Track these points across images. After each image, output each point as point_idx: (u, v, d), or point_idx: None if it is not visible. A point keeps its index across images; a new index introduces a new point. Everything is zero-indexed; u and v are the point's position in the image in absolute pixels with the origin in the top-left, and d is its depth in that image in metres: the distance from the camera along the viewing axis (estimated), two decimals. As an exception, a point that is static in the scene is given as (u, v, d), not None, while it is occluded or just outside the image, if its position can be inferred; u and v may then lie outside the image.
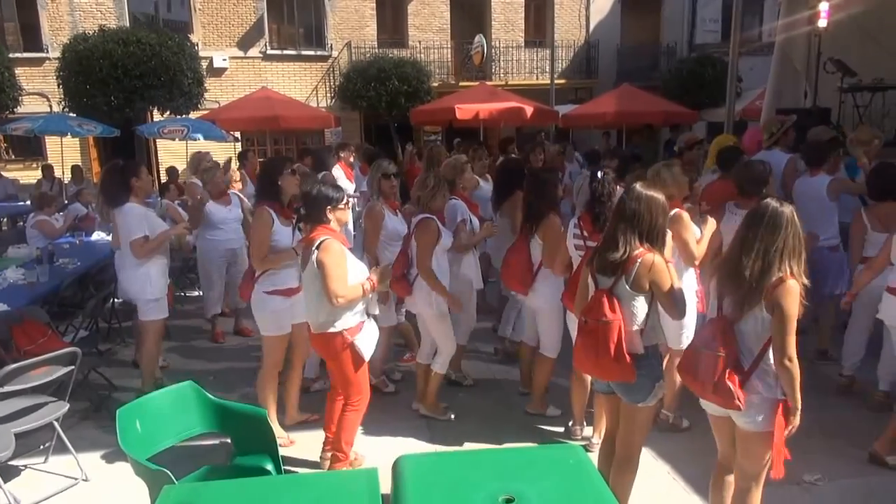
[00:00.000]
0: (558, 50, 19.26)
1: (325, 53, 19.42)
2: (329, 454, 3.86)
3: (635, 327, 2.95)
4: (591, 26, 21.46)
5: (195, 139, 12.21)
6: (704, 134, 17.18)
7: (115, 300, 5.77)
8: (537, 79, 20.37)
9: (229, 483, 2.25)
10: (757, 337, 2.67)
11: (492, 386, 5.16)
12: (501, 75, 20.44)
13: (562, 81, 19.69)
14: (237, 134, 15.87)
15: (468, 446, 4.20)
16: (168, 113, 14.37)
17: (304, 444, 4.21)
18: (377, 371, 4.97)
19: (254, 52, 18.74)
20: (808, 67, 10.08)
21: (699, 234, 3.94)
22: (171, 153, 16.02)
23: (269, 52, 18.83)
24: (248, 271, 4.43)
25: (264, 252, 4.04)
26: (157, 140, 14.56)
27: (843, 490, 3.65)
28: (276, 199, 4.19)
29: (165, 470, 2.41)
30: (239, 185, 6.76)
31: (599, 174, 3.95)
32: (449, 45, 20.34)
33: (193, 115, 14.31)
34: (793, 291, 2.57)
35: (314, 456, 4.03)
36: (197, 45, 16.56)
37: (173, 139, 12.72)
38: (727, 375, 2.62)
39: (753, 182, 4.39)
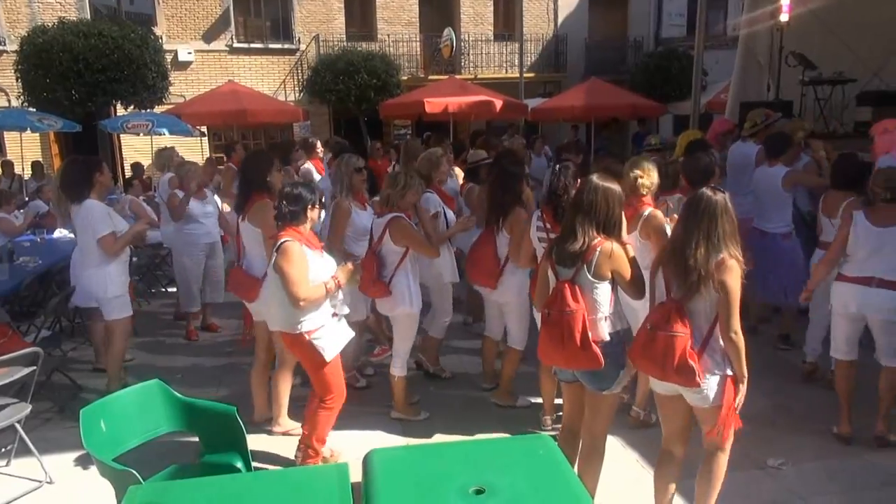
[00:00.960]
0: (527, 44, 19.31)
1: (293, 47, 19.19)
2: (302, 451, 3.84)
3: (599, 315, 3.01)
4: (560, 20, 21.54)
5: (160, 134, 12.00)
6: (671, 127, 17.46)
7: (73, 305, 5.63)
8: (506, 72, 20.41)
9: (196, 481, 2.22)
10: (706, 316, 2.82)
11: (463, 379, 5.17)
12: (471, 69, 20.43)
13: (531, 75, 19.76)
14: (203, 129, 15.62)
15: (440, 439, 4.22)
16: (132, 107, 14.07)
17: (280, 441, 4.18)
18: (348, 366, 4.95)
19: (219, 45, 18.44)
20: (771, 61, 10.26)
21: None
22: (136, 149, 15.70)
23: (236, 45, 18.54)
24: (237, 272, 4.37)
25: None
26: (121, 135, 14.25)
27: (806, 473, 3.74)
28: (269, 191, 4.17)
29: (131, 470, 2.37)
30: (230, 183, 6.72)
31: (558, 167, 4.00)
32: (418, 39, 20.25)
33: (158, 109, 14.04)
34: (734, 270, 2.74)
35: (290, 452, 4.01)
36: (161, 37, 16.24)
37: (137, 134, 12.48)
38: (689, 355, 2.73)
39: (699, 172, 4.47)
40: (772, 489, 3.57)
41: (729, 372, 2.82)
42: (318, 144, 8.18)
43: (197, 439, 3.14)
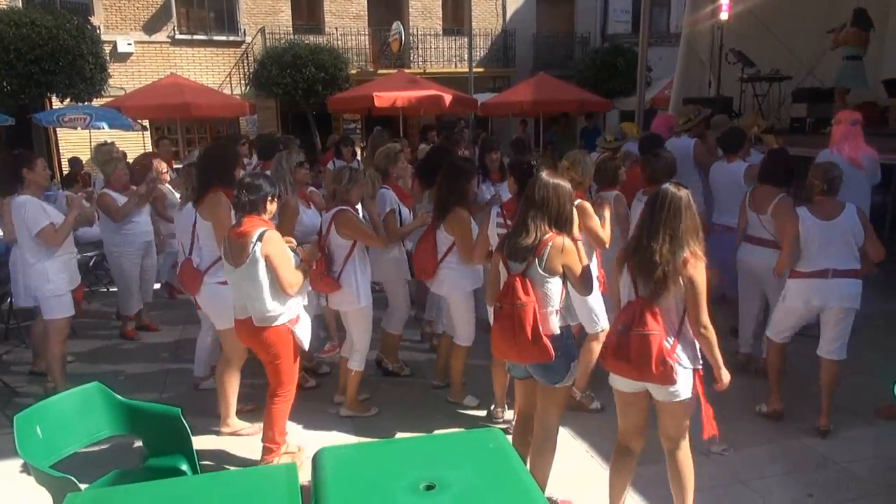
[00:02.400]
0: (476, 38, 19.34)
1: (238, 39, 18.78)
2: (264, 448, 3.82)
3: (550, 308, 3.04)
4: (508, 15, 21.68)
5: (99, 128, 11.58)
6: (617, 122, 17.76)
7: (12, 303, 5.41)
8: (456, 67, 20.43)
9: (138, 486, 2.15)
10: (676, 311, 2.83)
11: (416, 374, 5.16)
12: (420, 63, 20.38)
13: (480, 70, 19.82)
14: (146, 122, 15.16)
15: (392, 436, 4.19)
16: (68, 100, 13.53)
17: (229, 442, 4.12)
18: (301, 364, 4.91)
19: (161, 36, 17.90)
20: (712, 58, 10.55)
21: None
22: (74, 143, 15.12)
23: (178, 36, 18.02)
24: (188, 265, 4.27)
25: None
26: (58, 129, 13.73)
27: (748, 457, 3.87)
28: (229, 185, 4.07)
29: (69, 476, 2.29)
30: (167, 177, 6.52)
31: (531, 163, 4.05)
32: (366, 32, 20.08)
33: (96, 102, 13.53)
34: (700, 265, 2.77)
35: (240, 453, 3.94)
36: (99, 28, 15.69)
37: (75, 128, 12.01)
38: (665, 352, 2.75)
39: (664, 171, 4.57)
40: (715, 474, 3.68)
41: (697, 366, 2.86)
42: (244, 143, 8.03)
43: (141, 443, 3.06)
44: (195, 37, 18.27)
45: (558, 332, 3.05)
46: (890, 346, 4.71)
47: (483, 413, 4.46)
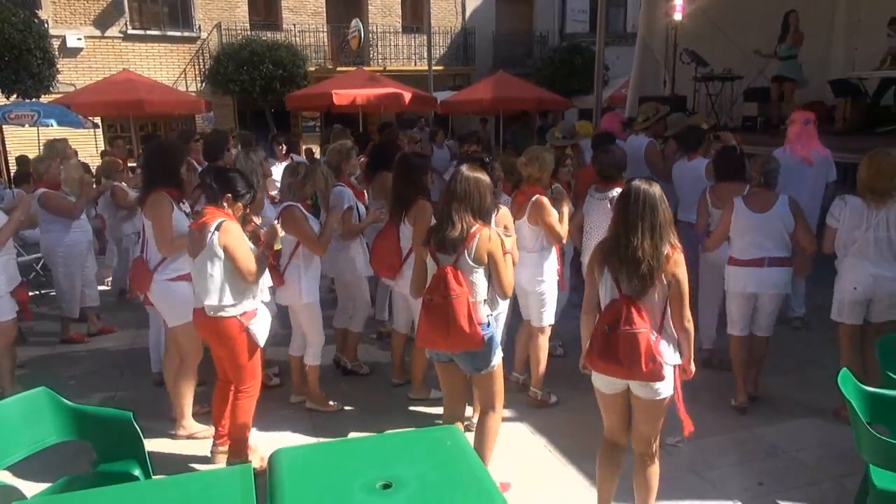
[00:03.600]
0: (435, 36, 19.36)
1: (193, 35, 18.42)
2: (222, 448, 3.79)
3: (478, 298, 3.14)
4: (467, 14, 21.73)
5: (47, 125, 11.21)
6: (576, 120, 17.95)
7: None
8: (415, 65, 20.41)
9: (87, 493, 2.09)
10: (658, 308, 2.83)
11: (375, 372, 5.14)
12: (379, 60, 20.30)
13: (440, 68, 19.84)
14: (97, 120, 14.76)
15: (351, 435, 4.17)
16: (15, 96, 13.09)
17: (185, 445, 4.05)
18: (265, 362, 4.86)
19: (113, 31, 17.45)
20: (667, 58, 10.76)
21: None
22: (21, 141, 14.64)
23: (130, 31, 17.59)
24: (138, 263, 4.20)
25: (171, 236, 3.85)
26: (4, 127, 13.25)
27: (701, 448, 3.95)
28: (175, 184, 4.04)
29: (12, 485, 2.21)
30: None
31: (487, 159, 4.06)
32: (325, 29, 19.91)
33: (45, 98, 13.11)
34: (682, 261, 2.80)
35: (196, 456, 3.88)
36: (46, 22, 15.18)
37: (22, 125, 11.59)
38: (654, 349, 2.74)
39: (614, 167, 4.64)
40: (669, 466, 3.72)
41: (678, 361, 2.88)
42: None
43: (92, 448, 2.97)
44: (148, 32, 17.86)
45: (485, 320, 3.15)
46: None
47: (442, 410, 4.46)
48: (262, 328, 3.61)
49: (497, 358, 3.26)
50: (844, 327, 4.17)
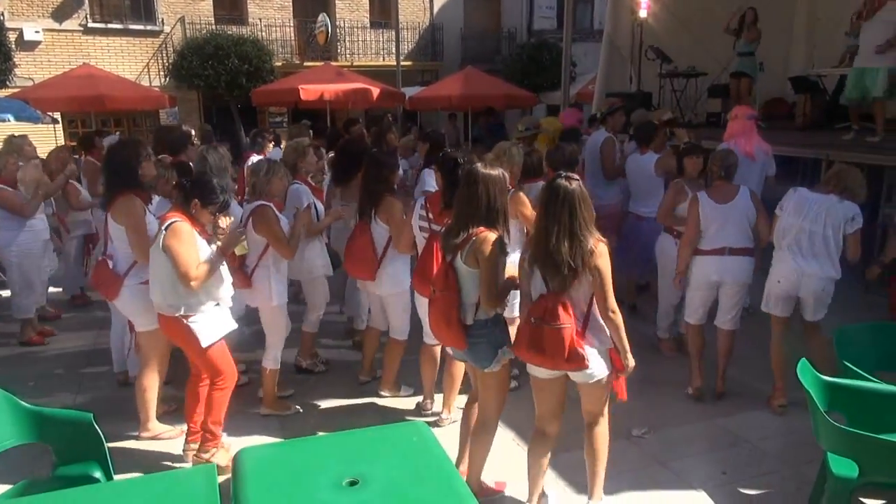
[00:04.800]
0: (403, 32, 19.28)
1: (156, 28, 18.07)
2: (194, 444, 3.74)
3: (469, 300, 3.09)
4: (435, 9, 21.69)
5: (5, 120, 10.98)
6: (544, 115, 18.08)
7: None
8: (383, 60, 20.31)
9: (45, 497, 2.04)
10: (584, 299, 2.92)
11: (343, 370, 5.10)
12: (347, 56, 20.16)
13: (408, 63, 19.78)
14: (56, 115, 14.41)
15: (321, 433, 4.14)
16: (-31, 91, 12.76)
17: (150, 447, 3.98)
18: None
19: (72, 24, 17.02)
20: (633, 54, 10.87)
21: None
22: (-23, 136, 14.25)
23: (91, 24, 17.18)
24: (102, 266, 4.08)
25: (148, 240, 3.75)
26: (-42, 122, 12.87)
27: (666, 439, 4.01)
28: (138, 186, 3.98)
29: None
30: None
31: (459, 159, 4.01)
32: (292, 24, 19.70)
33: (2, 93, 12.80)
34: (605, 254, 2.86)
35: (161, 458, 3.81)
36: (3, 14, 14.79)
37: (-23, 121, 11.32)
38: (576, 343, 2.83)
39: (564, 163, 4.71)
40: (635, 457, 3.80)
41: (609, 345, 2.95)
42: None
43: (51, 451, 2.91)
44: (109, 25, 17.48)
45: (471, 322, 3.09)
46: (800, 329, 4.96)
47: (411, 407, 4.46)
48: (207, 327, 3.51)
49: (498, 360, 3.11)
50: (773, 318, 4.32)
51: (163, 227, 3.38)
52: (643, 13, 10.31)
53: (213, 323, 3.55)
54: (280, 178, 4.23)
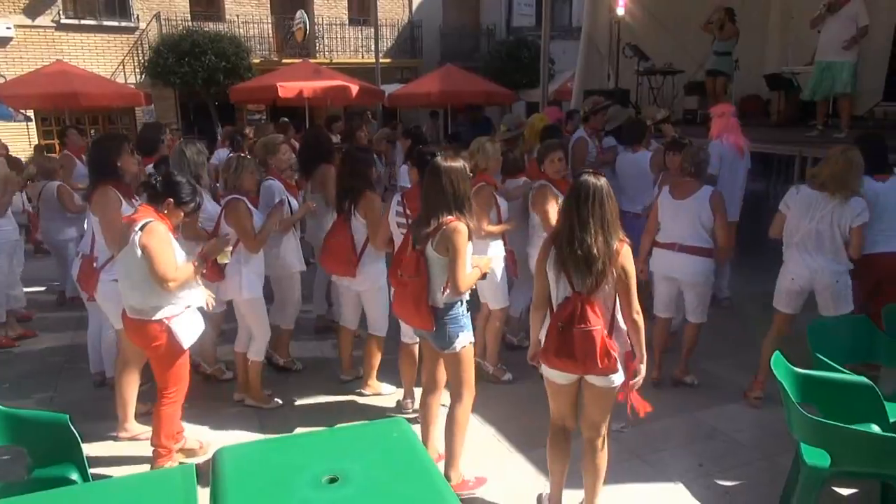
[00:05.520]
0: (382, 29, 19.22)
1: (132, 25, 17.82)
2: (176, 445, 3.72)
3: (436, 285, 3.20)
4: (414, 6, 21.64)
5: (-24, 118, 10.75)
6: (524, 114, 18.14)
7: None
8: (362, 57, 20.22)
9: (19, 500, 2.02)
10: (609, 300, 2.85)
11: (323, 366, 5.10)
12: (326, 53, 20.04)
13: (387, 61, 19.72)
14: (30, 113, 14.18)
15: (300, 431, 4.14)
16: (-61, 88, 12.48)
17: (128, 448, 3.95)
18: (211, 359, 4.79)
19: (45, 20, 16.72)
20: (611, 52, 10.93)
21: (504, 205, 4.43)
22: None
23: (64, 21, 16.89)
24: (87, 262, 4.10)
25: (118, 232, 3.69)
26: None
27: (644, 433, 4.06)
28: (116, 178, 3.98)
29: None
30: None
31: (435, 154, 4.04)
32: (269, 21, 19.53)
33: (-28, 90, 12.54)
34: (629, 253, 2.84)
35: (139, 459, 3.79)
36: (-28, 10, 14.51)
37: (-53, 118, 11.10)
38: (609, 345, 2.77)
39: (513, 164, 4.87)
40: (613, 451, 3.77)
41: (627, 349, 2.91)
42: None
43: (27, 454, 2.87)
44: (83, 22, 17.19)
45: (441, 305, 3.21)
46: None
47: (392, 405, 4.47)
48: (187, 331, 3.46)
49: (460, 342, 3.27)
50: (779, 315, 4.31)
51: (136, 228, 3.30)
52: (620, 11, 10.37)
53: (191, 325, 3.51)
54: (250, 172, 4.23)
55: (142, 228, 3.29)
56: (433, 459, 3.50)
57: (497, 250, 4.39)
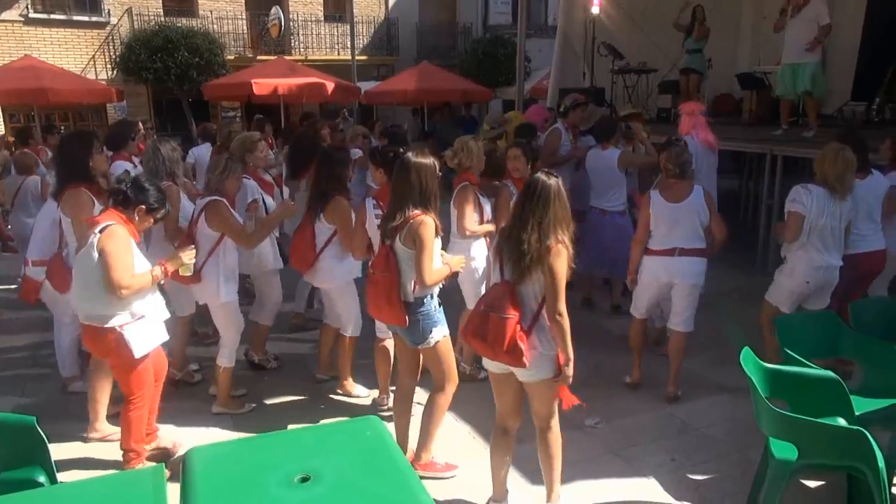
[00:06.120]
0: (358, 26, 19.14)
1: (102, 20, 17.52)
2: (152, 444, 3.71)
3: (407, 280, 3.25)
4: (391, 3, 21.56)
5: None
6: (500, 109, 18.21)
7: None
8: (338, 54, 20.11)
9: (-15, 503, 1.98)
10: (535, 297, 2.91)
11: (299, 365, 5.07)
12: (301, 50, 19.89)
13: (363, 58, 19.65)
14: (-4, 108, 13.90)
15: (275, 430, 4.10)
16: None
17: (98, 448, 3.88)
18: (181, 364, 4.70)
19: (11, 15, 16.36)
20: (586, 50, 10.99)
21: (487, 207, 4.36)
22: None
23: (32, 15, 16.55)
24: (57, 259, 4.07)
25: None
26: None
27: (618, 428, 4.11)
28: (89, 179, 3.92)
29: None
30: None
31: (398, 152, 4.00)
32: (244, 17, 19.34)
33: (-63, 85, 12.24)
34: (562, 255, 2.85)
35: (110, 460, 3.74)
36: (-63, 4, 14.16)
37: (-90, 114, 10.82)
38: (518, 337, 2.83)
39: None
40: (588, 447, 3.88)
41: (556, 351, 2.92)
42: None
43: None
44: (52, 16, 16.86)
45: (412, 300, 3.27)
46: (742, 318, 5.12)
47: (367, 403, 4.46)
48: (141, 339, 3.36)
49: (433, 336, 3.33)
50: (771, 310, 4.33)
51: (96, 230, 3.21)
52: (595, 10, 10.44)
53: (147, 333, 3.41)
54: (237, 177, 4.19)
55: (102, 231, 3.22)
56: (406, 456, 3.57)
57: (479, 251, 4.38)
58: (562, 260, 2.84)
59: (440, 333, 3.36)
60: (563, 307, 2.85)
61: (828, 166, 4.09)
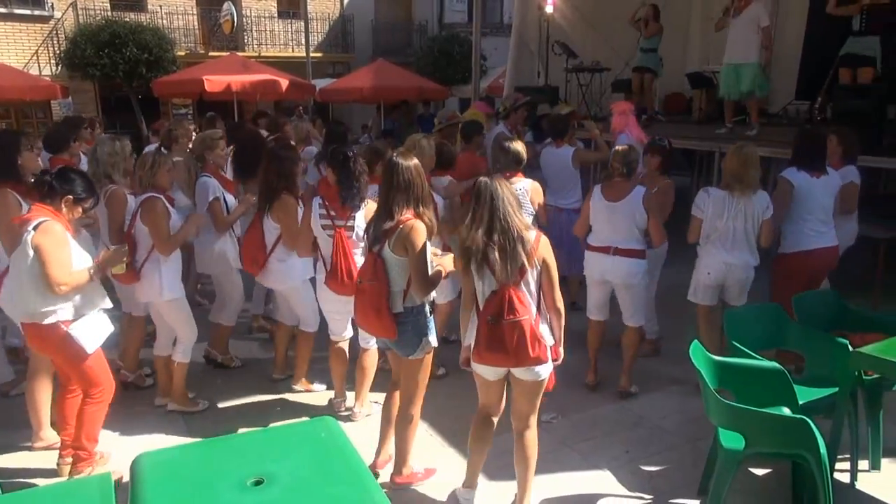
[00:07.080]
0: (313, 23, 18.95)
1: (45, 14, 16.97)
2: (69, 459, 3.51)
3: (397, 289, 3.13)
4: (346, 0, 21.40)
5: None
6: (457, 108, 18.23)
7: None
8: (293, 51, 19.89)
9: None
10: (535, 293, 2.92)
11: (253, 365, 5.01)
12: (255, 46, 19.62)
13: (318, 55, 19.46)
14: (-67, 106, 13.32)
15: (228, 433, 4.04)
16: None
17: (43, 457, 3.76)
18: (133, 365, 4.60)
19: (-51, 8, 15.77)
20: (540, 49, 11.09)
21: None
22: None
23: (-29, 9, 15.97)
24: None
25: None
26: None
27: (574, 423, 4.17)
28: (16, 178, 3.78)
29: None
30: None
31: (350, 152, 3.93)
32: (195, 12, 18.95)
33: None
34: (548, 244, 2.91)
35: (51, 464, 3.62)
36: None
37: None
38: (538, 334, 2.84)
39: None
40: (544, 442, 3.84)
41: (552, 342, 2.98)
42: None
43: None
44: (-8, 10, 16.28)
45: (402, 310, 3.14)
46: (694, 313, 5.23)
47: (324, 403, 4.43)
48: (89, 334, 3.28)
49: (423, 348, 3.20)
50: (700, 307, 4.47)
51: (30, 227, 3.12)
52: (549, 9, 10.53)
53: (93, 328, 3.33)
54: (167, 170, 4.05)
55: (36, 228, 3.13)
56: (384, 461, 3.55)
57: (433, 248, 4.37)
58: (550, 249, 2.91)
59: (429, 345, 3.24)
60: (559, 294, 2.95)
61: (727, 163, 4.21)
